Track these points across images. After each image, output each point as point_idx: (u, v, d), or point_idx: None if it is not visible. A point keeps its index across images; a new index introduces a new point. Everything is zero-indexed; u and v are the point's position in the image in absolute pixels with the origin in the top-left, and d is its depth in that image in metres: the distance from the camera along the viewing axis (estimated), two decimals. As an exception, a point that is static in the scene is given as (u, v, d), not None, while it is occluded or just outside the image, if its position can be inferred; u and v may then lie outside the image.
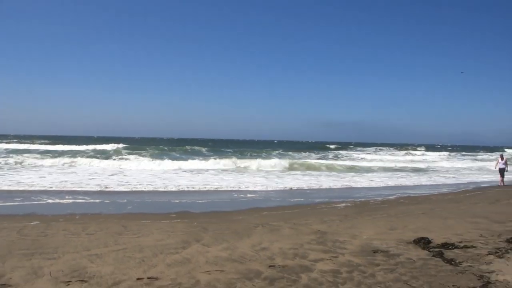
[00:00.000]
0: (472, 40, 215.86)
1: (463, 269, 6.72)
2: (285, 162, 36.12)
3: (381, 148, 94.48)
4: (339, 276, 6.39)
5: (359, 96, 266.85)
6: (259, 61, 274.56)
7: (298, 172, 31.27)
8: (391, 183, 25.55)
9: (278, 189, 21.04)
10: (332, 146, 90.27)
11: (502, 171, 25.18)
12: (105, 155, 42.76)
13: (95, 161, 34.01)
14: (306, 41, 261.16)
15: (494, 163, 30.44)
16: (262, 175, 27.94)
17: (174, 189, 19.93)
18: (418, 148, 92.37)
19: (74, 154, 41.66)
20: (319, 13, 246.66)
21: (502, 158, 25.87)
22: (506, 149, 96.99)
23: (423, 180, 28.05)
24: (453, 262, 7.13)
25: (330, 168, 35.04)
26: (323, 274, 6.45)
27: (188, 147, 63.73)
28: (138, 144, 70.82)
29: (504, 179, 24.76)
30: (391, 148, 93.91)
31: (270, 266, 6.91)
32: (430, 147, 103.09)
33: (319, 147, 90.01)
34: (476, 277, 6.32)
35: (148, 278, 6.18)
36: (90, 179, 22.93)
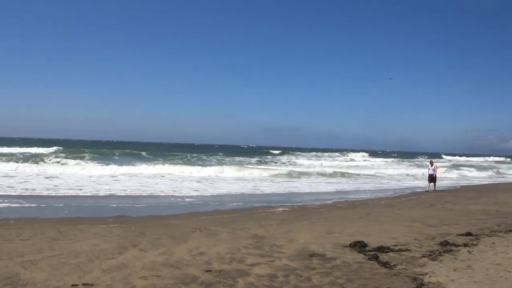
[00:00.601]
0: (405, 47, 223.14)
1: (398, 272, 6.83)
2: (225, 167, 36.02)
3: (321, 153, 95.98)
4: (275, 280, 6.36)
5: (297, 101, 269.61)
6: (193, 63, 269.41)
7: (237, 177, 31.19)
8: (330, 188, 25.94)
9: (216, 193, 20.86)
10: (273, 151, 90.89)
11: (431, 177, 25.32)
12: (38, 158, 41.17)
13: (24, 165, 32.58)
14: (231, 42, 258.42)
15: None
16: (201, 180, 27.69)
17: (111, 193, 19.38)
18: (358, 154, 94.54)
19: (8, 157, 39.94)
20: (246, 13, 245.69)
21: (431, 164, 26.00)
22: (444, 156, 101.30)
23: (361, 185, 28.69)
24: (387, 265, 7.24)
25: (269, 173, 35.16)
26: (260, 278, 6.41)
27: (128, 150, 62.42)
28: (77, 147, 68.56)
29: (437, 185, 25.54)
30: (331, 154, 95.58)
31: (206, 271, 6.80)
32: (371, 153, 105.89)
33: (259, 152, 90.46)
34: (410, 279, 6.44)
35: (83, 284, 5.99)
36: (20, 182, 21.94)
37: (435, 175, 25.50)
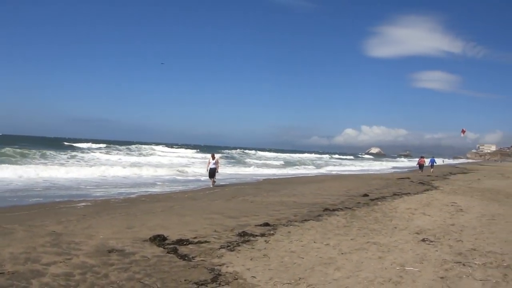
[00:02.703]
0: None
1: (196, 264, 7.08)
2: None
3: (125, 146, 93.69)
4: (72, 279, 6.23)
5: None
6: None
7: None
8: (130, 180, 25.62)
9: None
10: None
11: (212, 172, 24.18)
12: None
13: None
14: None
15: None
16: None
17: None
18: (157, 147, 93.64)
19: None
20: None
21: (213, 157, 24.92)
22: (247, 150, 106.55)
23: (166, 177, 28.79)
24: (186, 258, 7.47)
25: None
26: (55, 278, 6.22)
27: None
28: None
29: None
30: (138, 146, 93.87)
31: (-1, 273, 6.34)
32: (176, 146, 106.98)
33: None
34: (208, 270, 6.72)
35: None
36: None
37: (217, 169, 24.57)
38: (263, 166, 52.19)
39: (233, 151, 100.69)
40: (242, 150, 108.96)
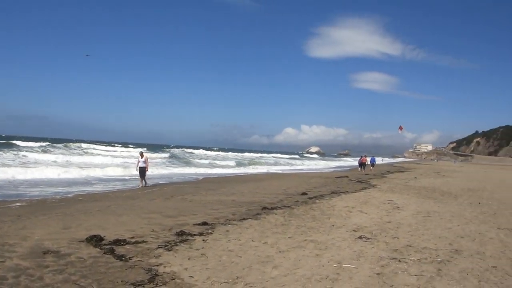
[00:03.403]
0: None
1: (133, 264, 7.08)
2: None
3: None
4: (4, 282, 6.09)
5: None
6: None
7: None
8: (67, 179, 25.03)
9: None
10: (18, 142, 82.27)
11: (142, 171, 22.88)
12: None
13: None
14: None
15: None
16: None
17: None
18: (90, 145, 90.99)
19: None
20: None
21: (142, 156, 23.56)
22: (190, 150, 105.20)
23: (105, 176, 28.26)
24: (123, 258, 7.45)
25: None
26: None
27: None
28: None
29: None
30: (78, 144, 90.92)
31: None
32: (118, 145, 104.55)
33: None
34: (145, 271, 6.75)
35: None
36: None
37: (147, 168, 23.31)
38: (210, 166, 51.58)
39: (175, 149, 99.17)
40: (183, 149, 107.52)
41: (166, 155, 70.28)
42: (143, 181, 23.07)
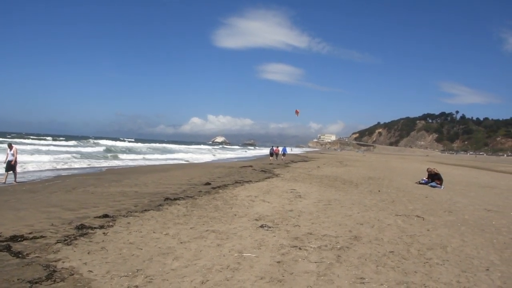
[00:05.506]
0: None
1: (30, 261, 6.92)
2: None
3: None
4: None
5: None
6: None
7: None
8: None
9: None
10: None
11: (9, 164, 20.39)
12: None
13: None
14: None
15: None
16: None
17: None
18: None
19: None
20: None
21: (10, 148, 20.85)
22: (99, 140, 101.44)
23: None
24: (20, 255, 7.25)
25: None
26: None
27: None
28: None
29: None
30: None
31: None
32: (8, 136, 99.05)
33: None
34: (43, 267, 6.63)
35: None
36: None
37: (15, 161, 20.71)
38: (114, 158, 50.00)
39: (84, 141, 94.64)
40: (88, 140, 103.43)
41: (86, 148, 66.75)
42: (14, 175, 20.49)
